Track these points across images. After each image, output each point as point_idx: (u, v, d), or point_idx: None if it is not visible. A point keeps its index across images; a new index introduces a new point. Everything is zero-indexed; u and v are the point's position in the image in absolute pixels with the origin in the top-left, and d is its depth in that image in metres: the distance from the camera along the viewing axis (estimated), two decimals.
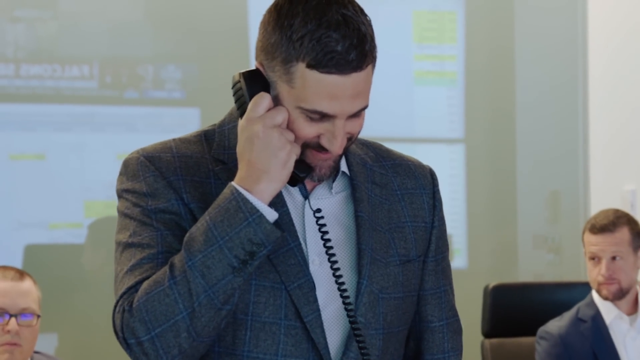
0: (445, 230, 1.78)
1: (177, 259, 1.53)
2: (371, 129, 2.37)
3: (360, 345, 1.61)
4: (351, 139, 1.61)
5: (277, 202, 1.60)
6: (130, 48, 4.32)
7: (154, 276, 1.55)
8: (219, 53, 4.37)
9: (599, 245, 3.41)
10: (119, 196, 1.66)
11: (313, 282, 1.61)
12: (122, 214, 1.64)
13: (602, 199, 4.53)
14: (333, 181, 1.67)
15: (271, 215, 1.53)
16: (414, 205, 1.73)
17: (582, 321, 3.43)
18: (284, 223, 1.61)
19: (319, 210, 1.62)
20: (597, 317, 3.42)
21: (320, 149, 1.58)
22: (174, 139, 1.68)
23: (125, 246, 1.61)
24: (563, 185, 4.79)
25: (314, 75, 1.52)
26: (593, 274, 3.43)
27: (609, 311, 3.44)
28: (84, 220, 4.24)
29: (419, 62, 4.61)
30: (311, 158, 1.59)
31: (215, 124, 1.70)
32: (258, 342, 1.60)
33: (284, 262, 1.60)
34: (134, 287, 1.56)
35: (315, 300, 1.60)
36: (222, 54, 4.37)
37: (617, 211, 3.48)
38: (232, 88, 1.61)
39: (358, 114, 1.58)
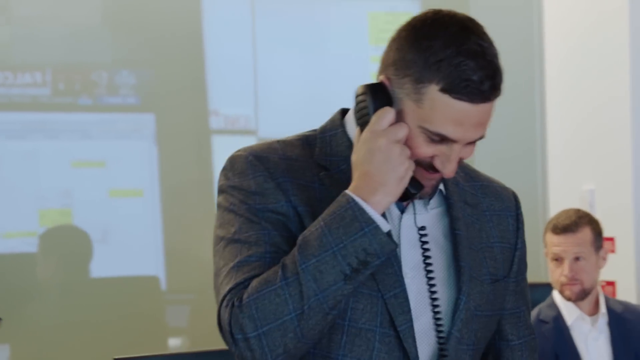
0: (525, 252, 1.86)
1: (289, 261, 1.57)
2: None
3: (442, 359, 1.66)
4: (460, 163, 1.66)
5: None
6: (83, 54, 4.27)
7: (264, 275, 1.58)
8: (173, 58, 4.35)
9: (561, 245, 3.43)
10: (223, 191, 1.69)
11: (407, 293, 1.65)
12: (226, 210, 1.67)
13: (560, 199, 4.56)
14: (430, 198, 1.72)
15: (385, 227, 1.57)
16: (501, 227, 1.80)
17: (544, 322, 3.44)
18: None
19: (423, 228, 1.68)
20: (559, 318, 3.43)
21: (431, 169, 1.63)
22: (277, 141, 1.72)
23: (229, 241, 1.64)
24: (521, 185, 4.78)
25: (445, 99, 1.56)
26: (555, 274, 3.45)
27: (570, 312, 3.45)
28: (38, 229, 4.20)
29: (375, 63, 4.59)
30: (418, 176, 1.63)
31: (315, 130, 1.74)
32: (353, 347, 1.64)
33: (382, 271, 1.63)
34: (243, 284, 1.59)
35: (409, 310, 1.65)
36: (177, 59, 4.36)
37: (578, 211, 3.50)
38: (355, 98, 1.66)
39: (474, 142, 1.63)
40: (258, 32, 4.48)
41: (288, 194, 1.64)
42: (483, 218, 1.77)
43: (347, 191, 1.58)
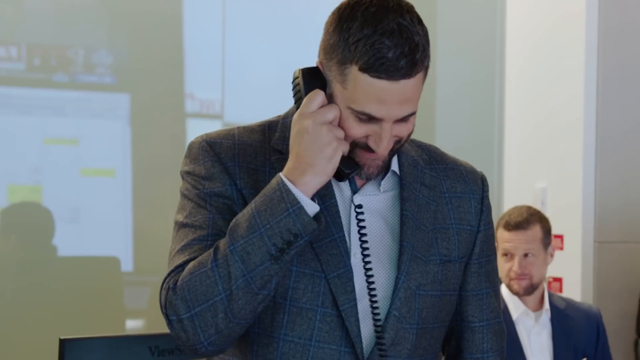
0: (492, 235, 1.84)
1: (222, 243, 1.60)
2: None
3: (378, 339, 1.66)
4: (400, 142, 1.66)
5: (326, 194, 1.67)
6: (61, 31, 4.22)
7: (199, 257, 1.61)
8: (152, 40, 4.32)
9: (512, 242, 3.47)
10: (182, 177, 1.73)
11: (352, 273, 1.66)
12: (182, 195, 1.72)
13: (514, 196, 4.62)
14: (382, 180, 1.73)
15: (312, 208, 1.58)
16: (461, 209, 1.78)
17: None
18: (331, 215, 1.68)
19: (360, 206, 1.68)
20: (504, 313, 3.46)
21: (368, 149, 1.64)
22: (238, 127, 1.75)
23: (180, 226, 1.70)
24: None
25: (365, 78, 1.57)
26: (505, 269, 3.48)
27: (516, 307, 3.51)
28: (7, 205, 4.14)
29: None
30: (360, 157, 1.65)
31: (280, 115, 1.77)
32: (294, 327, 1.66)
33: (327, 251, 1.66)
34: (181, 267, 1.64)
35: (353, 290, 1.66)
36: (154, 39, 4.32)
37: (529, 208, 3.54)
38: (292, 82, 1.68)
39: (406, 119, 1.63)
40: (234, 18, 4.45)
41: (235, 178, 1.67)
42: (441, 200, 1.76)
43: (279, 173, 1.59)
